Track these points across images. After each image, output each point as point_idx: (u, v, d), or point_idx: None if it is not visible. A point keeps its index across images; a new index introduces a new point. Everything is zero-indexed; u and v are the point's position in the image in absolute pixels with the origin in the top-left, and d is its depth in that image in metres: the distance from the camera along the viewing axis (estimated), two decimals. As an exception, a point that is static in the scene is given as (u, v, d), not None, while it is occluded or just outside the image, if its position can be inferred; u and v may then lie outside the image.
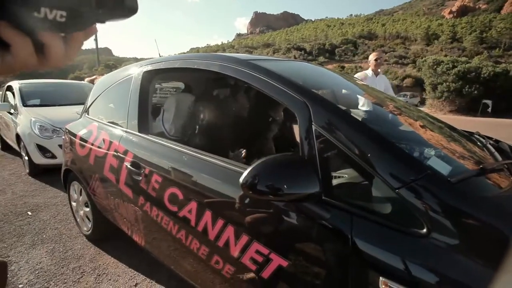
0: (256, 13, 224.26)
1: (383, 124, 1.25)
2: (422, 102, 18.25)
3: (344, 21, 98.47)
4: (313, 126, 0.81)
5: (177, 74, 1.89)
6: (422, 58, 26.74)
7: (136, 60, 75.03)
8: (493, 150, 1.08)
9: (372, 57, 3.38)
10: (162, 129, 1.60)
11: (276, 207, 0.84)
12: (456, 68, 14.34)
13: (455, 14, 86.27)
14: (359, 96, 1.55)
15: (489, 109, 13.31)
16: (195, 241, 1.08)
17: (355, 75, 3.41)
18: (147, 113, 1.50)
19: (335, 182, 0.81)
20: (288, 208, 0.82)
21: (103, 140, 1.61)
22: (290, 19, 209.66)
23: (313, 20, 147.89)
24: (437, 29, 51.14)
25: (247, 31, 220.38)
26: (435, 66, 15.03)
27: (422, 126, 1.30)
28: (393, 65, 36.78)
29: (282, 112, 1.85)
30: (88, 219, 1.92)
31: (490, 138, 1.35)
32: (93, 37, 0.39)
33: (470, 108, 14.04)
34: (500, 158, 0.99)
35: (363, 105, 1.50)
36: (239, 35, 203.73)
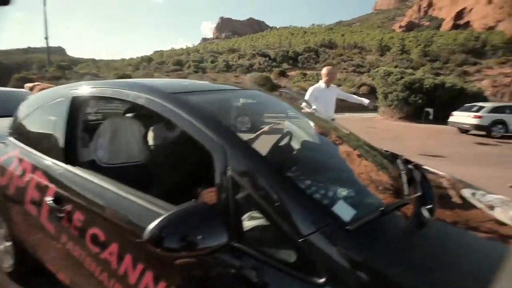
0: (222, 18, 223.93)
1: (309, 159, 1.31)
2: (375, 109, 19.56)
3: (307, 30, 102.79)
4: (228, 170, 0.82)
5: (109, 102, 1.80)
6: (376, 67, 28.90)
7: (94, 61, 70.10)
8: (405, 181, 1.13)
9: (324, 70, 3.71)
10: (93, 157, 1.50)
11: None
12: (403, 79, 15.76)
13: (404, 29, 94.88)
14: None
15: (431, 117, 14.82)
16: (117, 285, 1.03)
17: (310, 88, 3.71)
18: (74, 142, 1.40)
19: (249, 226, 0.83)
20: (202, 258, 0.80)
21: (25, 168, 1.47)
22: (255, 26, 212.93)
23: (277, 27, 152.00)
24: (389, 42, 55.71)
25: (213, 35, 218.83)
26: (386, 77, 16.37)
27: (348, 155, 1.40)
28: (351, 73, 39.22)
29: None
30: (9, 254, 1.73)
31: (410, 162, 1.47)
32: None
33: (415, 115, 15.49)
34: (406, 192, 1.03)
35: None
36: (205, 39, 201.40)
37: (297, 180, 0.94)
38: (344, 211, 0.82)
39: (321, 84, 3.64)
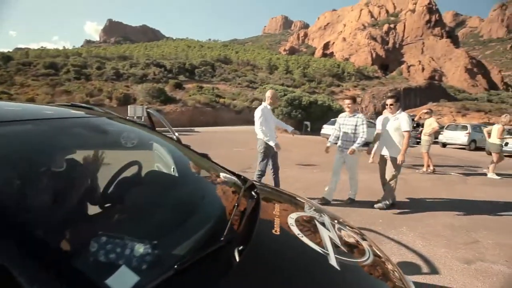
0: (110, 21, 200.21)
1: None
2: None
3: (204, 44, 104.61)
4: None
5: None
6: (266, 84, 32.00)
7: None
8: (230, 218, 1.01)
9: (269, 94, 3.97)
10: None
11: None
12: (286, 96, 17.96)
13: (287, 52, 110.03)
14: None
15: (309, 129, 17.41)
16: None
17: (259, 110, 3.82)
18: None
19: None
20: None
21: None
22: (150, 34, 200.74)
23: (174, 38, 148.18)
24: (276, 62, 63.23)
25: (100, 39, 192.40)
26: (273, 93, 18.30)
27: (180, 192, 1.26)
28: (245, 88, 42.04)
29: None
30: None
31: (253, 189, 1.45)
32: None
33: (297, 128, 17.74)
34: (226, 232, 0.91)
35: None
36: (89, 41, 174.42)
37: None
38: (120, 284, 0.63)
39: (267, 106, 3.87)
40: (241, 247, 0.84)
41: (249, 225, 1.00)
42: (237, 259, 0.80)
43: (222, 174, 1.67)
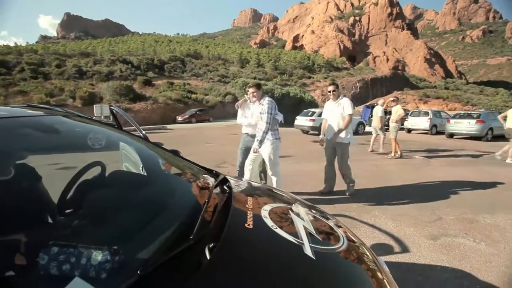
0: (68, 15, 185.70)
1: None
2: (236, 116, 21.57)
3: (172, 39, 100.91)
4: None
5: None
6: (238, 78, 31.71)
7: None
8: (201, 215, 0.94)
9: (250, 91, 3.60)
10: None
11: None
12: (259, 89, 17.98)
13: (258, 45, 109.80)
14: None
15: (282, 121, 17.56)
16: None
17: (238, 102, 3.93)
18: None
19: None
20: None
21: None
22: (113, 28, 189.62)
23: (140, 33, 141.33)
24: (248, 55, 62.87)
25: (57, 34, 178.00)
26: (244, 87, 18.17)
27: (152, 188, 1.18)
28: (217, 83, 41.41)
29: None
30: None
31: (226, 183, 1.40)
32: None
33: (272, 120, 17.97)
34: (197, 229, 0.84)
35: None
36: (45, 37, 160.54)
37: None
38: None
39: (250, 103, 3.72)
40: (211, 244, 0.80)
41: (220, 221, 0.95)
42: (208, 257, 0.76)
43: (192, 171, 1.61)
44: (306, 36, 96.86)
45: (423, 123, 14.27)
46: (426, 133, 14.51)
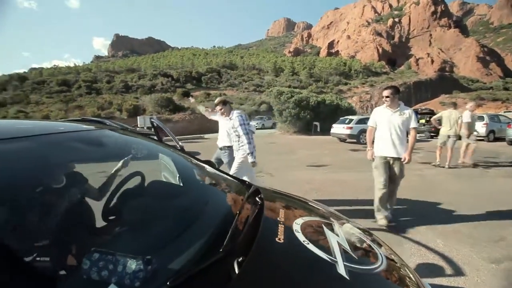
0: (117, 36, 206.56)
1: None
2: (275, 125, 21.59)
3: (209, 52, 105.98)
4: None
5: None
6: (273, 87, 31.99)
7: None
8: (231, 228, 0.94)
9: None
10: None
11: None
12: (293, 97, 17.83)
13: (292, 54, 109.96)
14: None
15: (318, 129, 17.20)
16: None
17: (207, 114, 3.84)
18: None
19: None
20: None
21: None
22: (155, 45, 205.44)
23: (179, 48, 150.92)
24: (282, 64, 63.24)
25: (108, 53, 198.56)
26: (279, 95, 18.20)
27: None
28: (252, 92, 42.17)
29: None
30: None
31: (257, 195, 1.39)
32: None
33: (307, 128, 17.68)
34: (227, 243, 0.86)
35: None
36: (98, 57, 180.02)
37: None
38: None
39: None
40: (240, 258, 0.78)
41: (250, 234, 0.94)
42: (236, 271, 0.75)
43: (225, 181, 1.63)
44: (342, 42, 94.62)
45: (477, 128, 12.85)
46: (482, 140, 13.04)
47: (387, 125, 3.18)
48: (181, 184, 1.64)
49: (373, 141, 3.34)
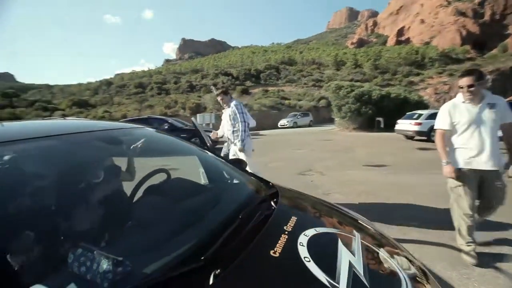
0: (184, 39, 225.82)
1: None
2: (331, 121, 20.52)
3: (267, 49, 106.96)
4: None
5: None
6: (334, 81, 30.54)
7: (48, 87, 65.05)
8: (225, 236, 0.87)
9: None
10: None
11: None
12: (353, 92, 16.64)
13: (355, 45, 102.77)
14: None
15: (382, 125, 15.70)
16: None
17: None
18: None
19: None
20: None
21: None
22: (217, 46, 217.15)
23: (239, 47, 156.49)
24: (343, 57, 59.70)
25: (176, 56, 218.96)
26: (338, 90, 17.19)
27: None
28: (311, 87, 40.99)
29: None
30: None
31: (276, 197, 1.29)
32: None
33: (368, 125, 16.31)
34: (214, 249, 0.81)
35: None
36: (167, 60, 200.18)
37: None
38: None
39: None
40: (218, 271, 0.70)
41: (242, 243, 0.85)
42: (210, 282, 0.67)
43: (247, 182, 1.55)
44: (414, 28, 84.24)
45: None
46: None
47: (474, 125, 2.20)
48: (206, 182, 1.64)
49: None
